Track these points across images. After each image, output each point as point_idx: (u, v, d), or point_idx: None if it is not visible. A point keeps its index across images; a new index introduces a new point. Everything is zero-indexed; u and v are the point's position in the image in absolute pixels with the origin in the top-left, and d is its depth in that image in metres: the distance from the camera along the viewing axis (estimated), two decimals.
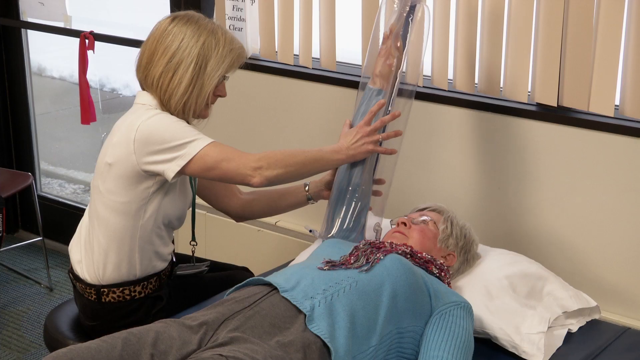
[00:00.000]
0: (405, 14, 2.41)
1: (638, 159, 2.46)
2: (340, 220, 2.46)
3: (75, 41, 3.66)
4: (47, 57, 5.62)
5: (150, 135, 2.24)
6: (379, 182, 2.51)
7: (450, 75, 2.78)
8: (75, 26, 3.81)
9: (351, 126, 2.43)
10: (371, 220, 2.50)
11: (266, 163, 2.22)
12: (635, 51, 2.41)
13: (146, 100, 2.34)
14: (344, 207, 2.46)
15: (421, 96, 2.80)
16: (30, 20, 4.05)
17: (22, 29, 4.14)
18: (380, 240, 2.44)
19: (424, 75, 2.83)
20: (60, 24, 3.88)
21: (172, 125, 2.25)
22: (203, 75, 2.31)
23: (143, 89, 2.37)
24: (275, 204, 2.61)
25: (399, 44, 2.42)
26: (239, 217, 2.66)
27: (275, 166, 2.22)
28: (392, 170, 2.52)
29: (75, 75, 4.08)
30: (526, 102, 2.64)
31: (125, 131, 2.27)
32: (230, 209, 2.63)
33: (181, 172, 2.25)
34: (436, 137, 2.82)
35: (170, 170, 2.23)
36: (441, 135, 2.81)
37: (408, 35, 2.41)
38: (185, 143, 2.23)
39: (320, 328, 1.94)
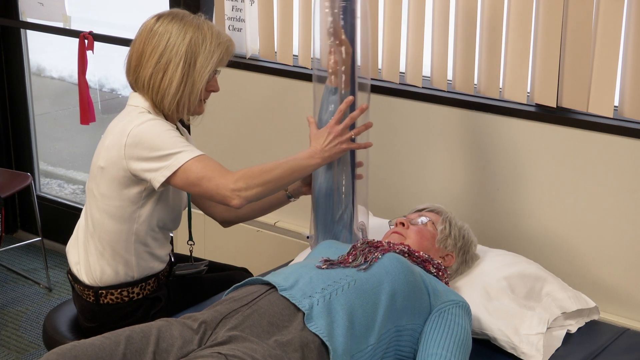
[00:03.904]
0: (338, 7, 2.32)
1: (637, 160, 2.46)
2: (326, 223, 2.45)
3: (75, 41, 3.65)
4: (46, 57, 5.62)
5: (140, 141, 2.23)
6: (358, 164, 2.46)
7: (449, 76, 2.78)
8: (74, 26, 3.81)
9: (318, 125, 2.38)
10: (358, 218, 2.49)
11: (244, 184, 2.19)
12: (634, 52, 2.41)
13: (139, 102, 2.33)
14: (327, 210, 2.45)
15: (420, 97, 2.80)
16: (29, 20, 4.04)
17: (22, 29, 4.14)
18: (367, 237, 2.46)
19: (423, 76, 2.83)
20: (60, 24, 3.87)
21: (162, 134, 2.24)
22: (193, 72, 2.30)
23: (135, 90, 2.37)
24: (258, 206, 2.58)
25: (340, 39, 2.33)
26: (224, 222, 2.64)
27: (254, 186, 2.20)
28: (366, 154, 2.48)
29: (74, 76, 4.09)
30: (525, 102, 2.64)
31: (118, 135, 2.27)
32: (215, 214, 2.62)
33: (167, 183, 2.24)
34: (435, 137, 2.82)
35: (156, 180, 2.23)
36: (440, 136, 2.81)
37: (349, 27, 2.33)
38: (171, 154, 2.22)
39: (319, 327, 1.94)
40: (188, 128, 3.28)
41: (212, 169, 2.22)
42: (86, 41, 3.60)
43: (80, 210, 2.47)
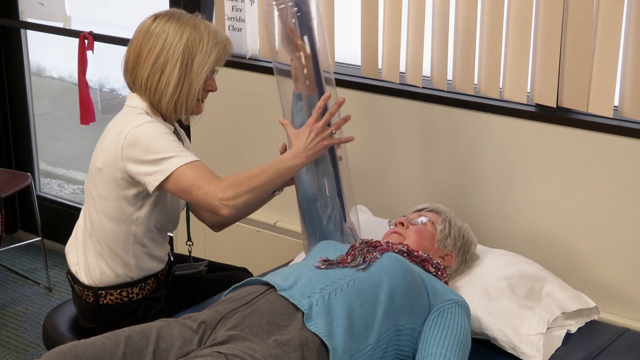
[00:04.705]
0: (290, 14, 2.32)
1: (637, 160, 2.46)
2: (314, 227, 2.45)
3: (75, 41, 3.65)
4: (46, 57, 5.62)
5: (136, 144, 2.23)
6: (339, 159, 2.45)
7: (449, 76, 2.78)
8: (74, 26, 3.81)
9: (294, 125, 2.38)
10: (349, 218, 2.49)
11: (232, 193, 2.18)
12: (634, 52, 2.41)
13: (137, 103, 2.33)
14: (314, 213, 2.44)
15: (420, 97, 2.80)
16: (29, 20, 4.04)
17: (22, 29, 4.14)
18: (358, 237, 2.46)
19: (423, 76, 2.83)
20: (60, 24, 3.87)
21: (157, 138, 2.24)
22: (190, 72, 2.30)
23: (132, 91, 2.36)
24: None
25: (297, 44, 2.34)
26: (214, 226, 2.62)
27: (241, 193, 2.19)
28: (344, 147, 2.47)
29: (74, 76, 4.09)
30: (525, 103, 2.64)
31: (115, 137, 2.27)
32: (204, 219, 2.60)
33: (160, 188, 2.24)
34: (435, 138, 2.82)
35: (150, 184, 2.23)
36: (440, 136, 2.81)
37: (306, 30, 2.33)
38: (165, 158, 2.21)
39: (318, 326, 1.94)
40: (187, 129, 3.28)
41: (202, 176, 2.20)
42: (86, 41, 3.60)
43: (80, 210, 2.47)
